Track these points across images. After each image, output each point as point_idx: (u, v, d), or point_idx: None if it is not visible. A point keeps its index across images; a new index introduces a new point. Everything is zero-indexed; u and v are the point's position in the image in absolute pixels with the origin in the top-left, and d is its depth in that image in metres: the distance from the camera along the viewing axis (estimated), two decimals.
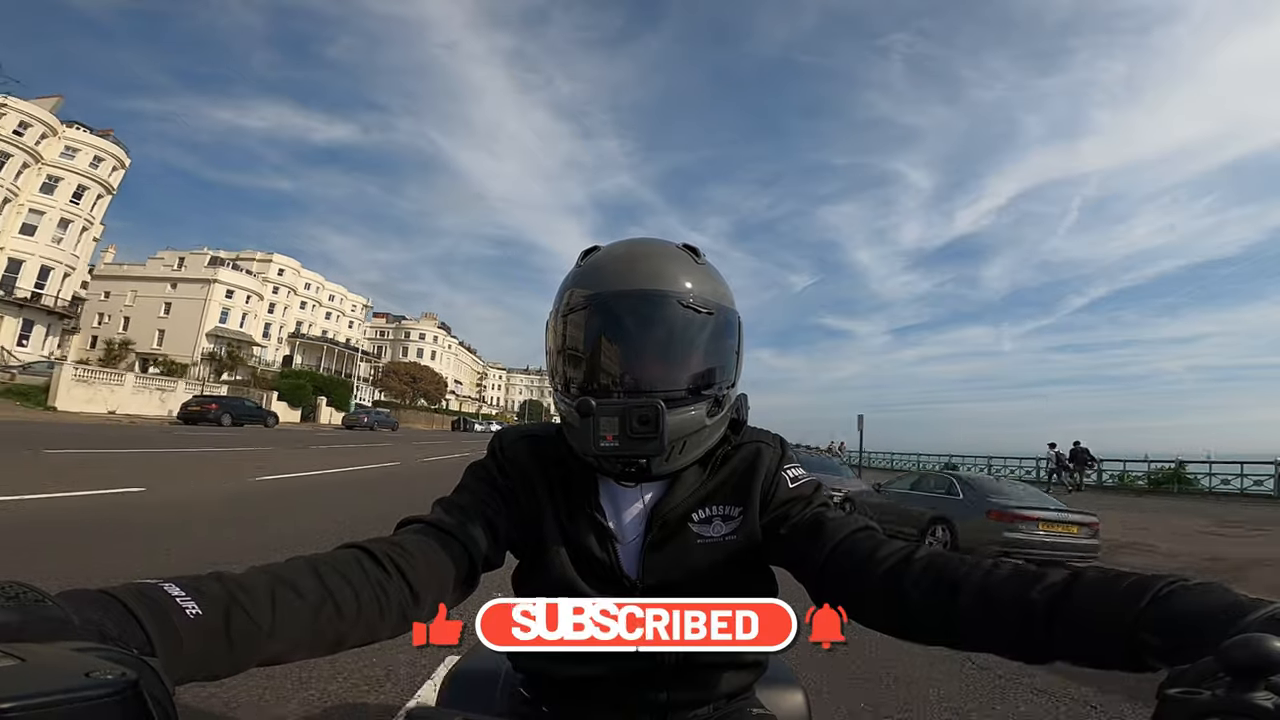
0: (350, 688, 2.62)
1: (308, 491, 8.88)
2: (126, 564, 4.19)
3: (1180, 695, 0.37)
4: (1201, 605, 0.46)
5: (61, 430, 15.39)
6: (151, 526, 5.47)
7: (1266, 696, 0.33)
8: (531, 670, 0.83)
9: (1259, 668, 0.34)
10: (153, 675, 0.33)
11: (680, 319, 0.76)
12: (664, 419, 0.71)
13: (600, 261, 0.81)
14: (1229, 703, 0.34)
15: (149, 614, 0.42)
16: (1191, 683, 0.37)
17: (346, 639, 0.58)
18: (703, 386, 0.78)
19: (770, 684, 0.92)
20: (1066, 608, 0.53)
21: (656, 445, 0.71)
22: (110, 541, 4.79)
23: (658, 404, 0.71)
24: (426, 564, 0.67)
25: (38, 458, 9.29)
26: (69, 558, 4.09)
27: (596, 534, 0.79)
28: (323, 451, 16.38)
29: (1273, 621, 0.41)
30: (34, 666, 0.30)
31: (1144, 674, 0.49)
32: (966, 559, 0.64)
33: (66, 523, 5.20)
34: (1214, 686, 0.36)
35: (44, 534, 4.82)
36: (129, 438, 15.13)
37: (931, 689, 3.31)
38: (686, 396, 0.76)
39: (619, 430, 0.71)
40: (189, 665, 0.44)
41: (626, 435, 0.71)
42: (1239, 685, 0.34)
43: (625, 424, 0.71)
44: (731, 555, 0.80)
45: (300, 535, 5.60)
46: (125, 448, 12.31)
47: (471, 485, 0.81)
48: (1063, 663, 0.55)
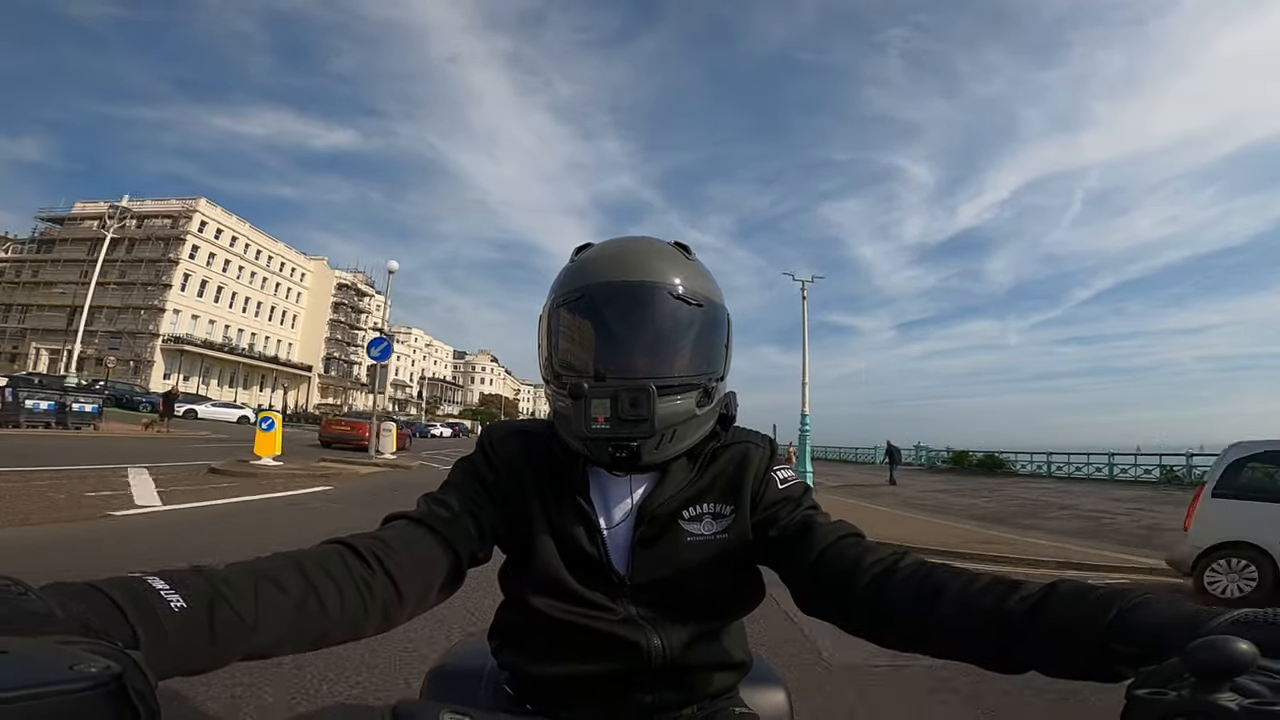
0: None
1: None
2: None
3: (1147, 696, 0.37)
4: (1167, 614, 0.48)
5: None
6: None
7: (1231, 698, 0.34)
8: (516, 668, 0.82)
9: (1223, 668, 0.35)
10: (136, 668, 0.34)
11: (670, 310, 0.77)
12: (654, 401, 0.72)
13: (592, 257, 0.83)
14: (1194, 704, 0.35)
15: (133, 607, 0.43)
16: (1158, 684, 0.38)
17: (330, 635, 0.58)
18: (692, 376, 0.78)
19: (754, 683, 0.92)
20: (1040, 619, 0.54)
21: (647, 427, 0.73)
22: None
23: (649, 386, 0.72)
24: (411, 560, 0.67)
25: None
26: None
27: (585, 528, 0.79)
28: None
29: (1237, 625, 0.42)
30: (16, 658, 0.31)
31: (1116, 684, 0.49)
32: (949, 569, 0.65)
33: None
34: (1180, 687, 0.36)
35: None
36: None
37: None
38: (676, 385, 0.77)
39: (610, 413, 0.72)
40: (173, 659, 0.44)
41: (618, 417, 0.72)
42: (1204, 686, 0.35)
43: (616, 406, 0.72)
44: (721, 554, 0.80)
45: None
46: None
47: (459, 480, 0.81)
48: (1037, 672, 0.55)
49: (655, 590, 0.77)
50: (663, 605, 0.77)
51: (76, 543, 4.79)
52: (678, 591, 0.78)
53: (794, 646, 3.40)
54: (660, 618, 0.77)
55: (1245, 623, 0.41)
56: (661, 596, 0.78)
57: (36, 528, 5.15)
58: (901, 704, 2.98)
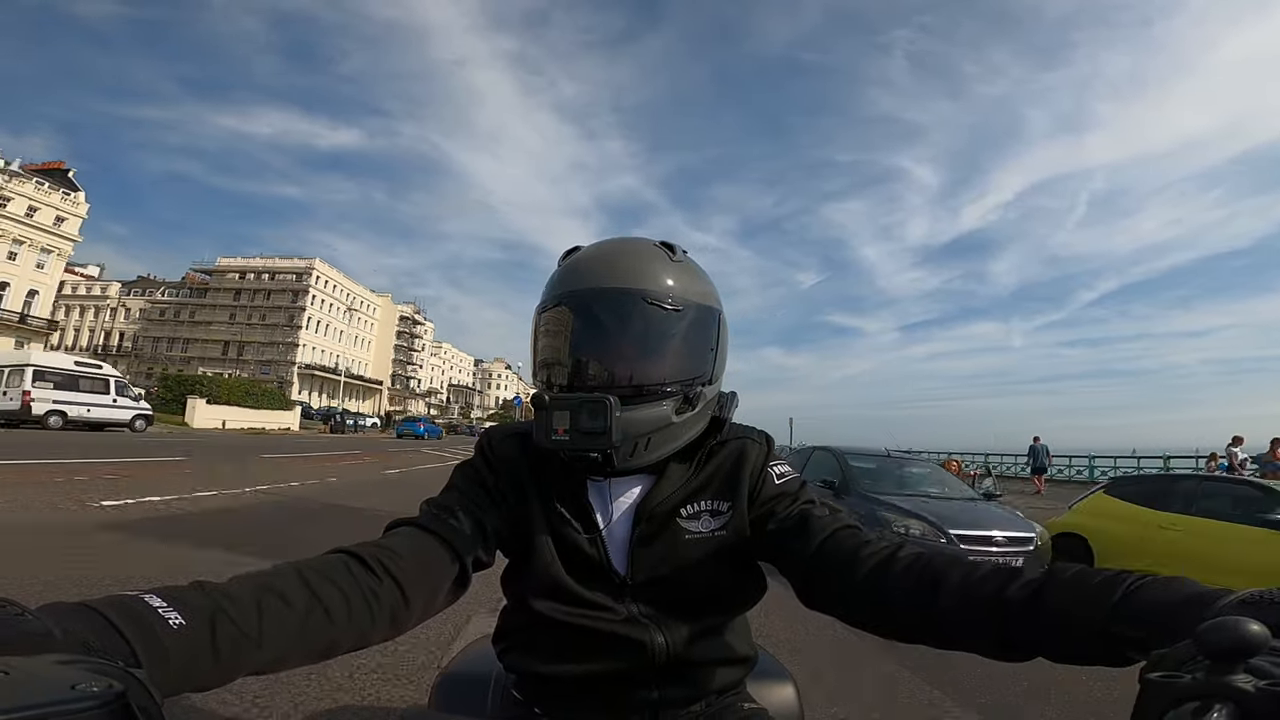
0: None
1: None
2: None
3: (1162, 679, 0.37)
4: (1172, 595, 0.47)
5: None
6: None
7: (1246, 679, 0.34)
8: (522, 672, 0.83)
9: (1237, 650, 0.34)
10: (139, 687, 0.34)
11: (644, 316, 0.77)
12: (612, 414, 0.72)
13: (576, 261, 0.82)
14: (1210, 686, 0.34)
15: (131, 626, 0.42)
16: (1171, 667, 0.38)
17: (338, 645, 0.58)
18: (668, 383, 0.78)
19: (761, 678, 0.92)
20: (1043, 605, 0.54)
21: (605, 440, 0.72)
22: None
23: (606, 400, 0.72)
24: (417, 566, 0.67)
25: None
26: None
27: (584, 529, 0.79)
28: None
29: (1244, 605, 0.42)
30: (17, 679, 0.30)
31: (1123, 668, 0.49)
32: (947, 558, 0.65)
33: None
34: (1193, 670, 0.36)
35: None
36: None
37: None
38: (648, 393, 0.76)
39: (569, 424, 0.73)
40: (176, 677, 0.44)
41: (576, 429, 0.73)
42: (1218, 668, 0.35)
43: (575, 419, 0.73)
44: (720, 551, 0.80)
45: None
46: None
47: (460, 485, 0.81)
48: (1043, 659, 0.55)
49: (656, 588, 0.78)
50: (664, 603, 0.78)
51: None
52: (678, 589, 0.78)
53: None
54: (662, 615, 0.78)
55: (1252, 603, 0.42)
56: (662, 594, 0.78)
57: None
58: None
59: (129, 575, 3.70)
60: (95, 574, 3.69)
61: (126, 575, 3.70)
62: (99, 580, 3.57)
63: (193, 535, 5.21)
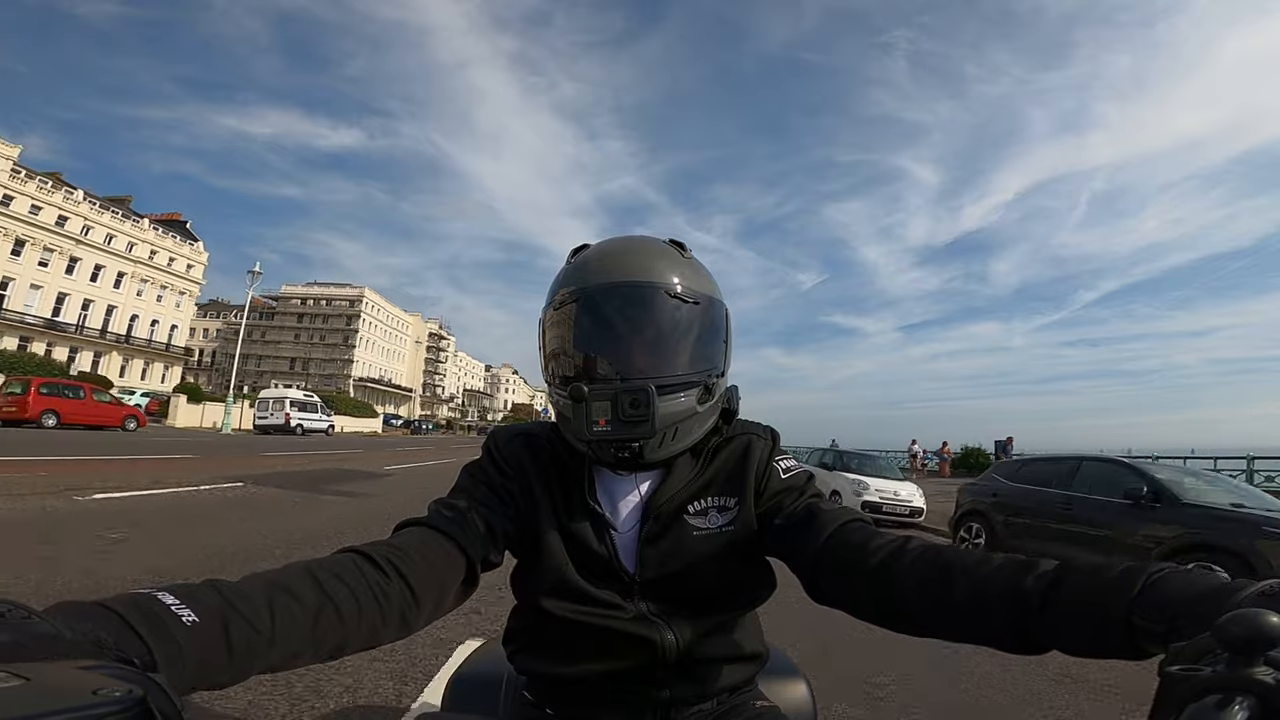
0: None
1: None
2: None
3: (1182, 673, 0.37)
4: (1193, 587, 0.46)
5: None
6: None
7: (1267, 671, 0.34)
8: (533, 672, 0.83)
9: (1256, 642, 0.34)
10: (159, 690, 0.33)
11: (668, 309, 0.78)
12: (654, 401, 0.73)
13: (588, 258, 0.82)
14: (1232, 679, 0.34)
15: (146, 625, 0.42)
16: (1191, 660, 0.38)
17: (348, 644, 0.58)
18: (692, 374, 0.79)
19: (772, 675, 0.92)
20: (1059, 597, 0.53)
21: (648, 428, 0.73)
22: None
23: (648, 386, 0.73)
24: (426, 566, 0.67)
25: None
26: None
27: (593, 527, 0.79)
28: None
29: (1264, 597, 0.41)
30: (39, 686, 0.30)
31: (1143, 660, 0.49)
32: (957, 550, 0.64)
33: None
34: (1214, 663, 0.36)
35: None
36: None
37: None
38: (676, 383, 0.77)
39: (611, 414, 0.73)
40: (189, 676, 0.43)
41: (618, 419, 0.73)
42: (1238, 661, 0.34)
43: (617, 408, 0.73)
44: (728, 546, 0.80)
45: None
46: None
47: (468, 485, 0.81)
48: (1059, 652, 0.54)
49: (665, 586, 0.78)
50: (673, 600, 0.78)
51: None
52: (687, 586, 0.78)
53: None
54: (671, 613, 0.78)
55: (1272, 595, 0.41)
56: (671, 592, 0.78)
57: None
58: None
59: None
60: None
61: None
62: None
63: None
